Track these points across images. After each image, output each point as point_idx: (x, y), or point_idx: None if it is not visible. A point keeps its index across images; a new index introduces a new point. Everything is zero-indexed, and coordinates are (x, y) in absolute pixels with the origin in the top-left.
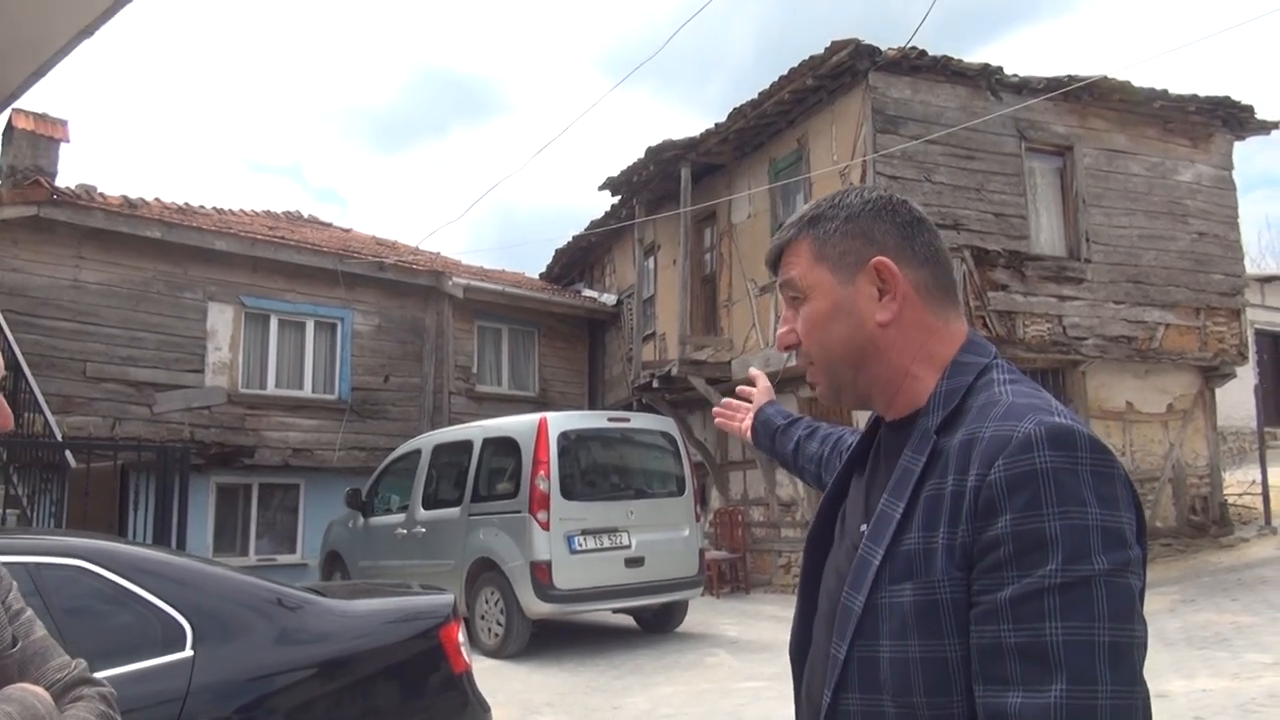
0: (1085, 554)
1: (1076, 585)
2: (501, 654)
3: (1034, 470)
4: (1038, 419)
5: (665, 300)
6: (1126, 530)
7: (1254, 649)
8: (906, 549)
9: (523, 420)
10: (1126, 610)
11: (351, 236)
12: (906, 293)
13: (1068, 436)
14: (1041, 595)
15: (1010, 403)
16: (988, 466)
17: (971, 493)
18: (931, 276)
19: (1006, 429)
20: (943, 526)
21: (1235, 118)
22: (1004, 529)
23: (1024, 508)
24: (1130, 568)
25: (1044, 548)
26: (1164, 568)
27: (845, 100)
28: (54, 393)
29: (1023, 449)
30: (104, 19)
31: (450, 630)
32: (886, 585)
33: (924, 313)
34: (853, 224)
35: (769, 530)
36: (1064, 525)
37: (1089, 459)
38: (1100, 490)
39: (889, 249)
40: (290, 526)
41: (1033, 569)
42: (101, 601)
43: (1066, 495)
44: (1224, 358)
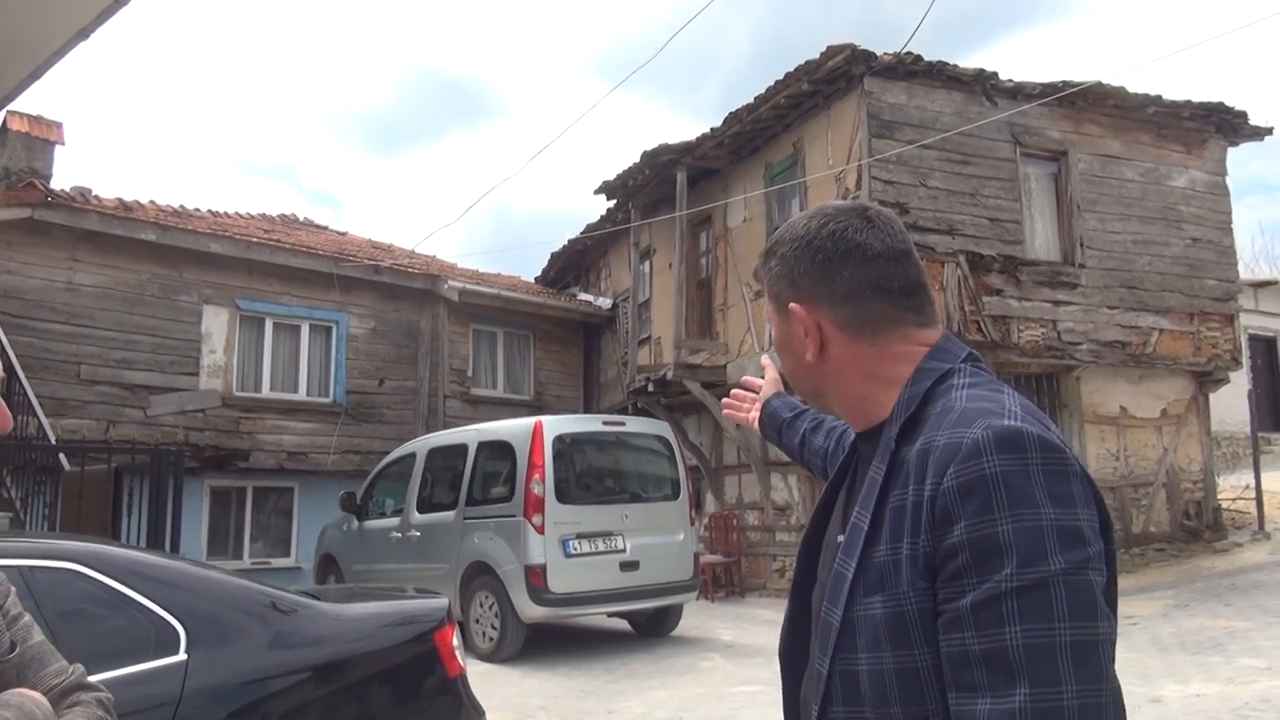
0: (1041, 555)
1: (1033, 588)
2: (496, 658)
3: (984, 476)
4: (986, 424)
5: (661, 304)
6: (1084, 527)
7: (1248, 654)
8: (877, 561)
9: (518, 424)
10: (1088, 608)
11: (347, 240)
12: (828, 333)
13: (1016, 438)
14: (1000, 600)
15: (963, 409)
16: (941, 475)
17: (928, 502)
18: (854, 311)
19: (957, 436)
20: (906, 537)
21: (1229, 124)
22: (960, 537)
23: (976, 514)
24: (1090, 564)
25: (999, 553)
26: (1158, 572)
27: (841, 105)
28: (48, 395)
29: (972, 455)
30: (100, 20)
31: (445, 634)
32: (860, 598)
33: (853, 346)
34: (782, 265)
35: (764, 534)
36: (1016, 528)
37: (1040, 459)
38: (1054, 489)
39: (806, 291)
40: (284, 530)
41: (990, 574)
42: (95, 605)
43: (1017, 498)
44: (1218, 363)
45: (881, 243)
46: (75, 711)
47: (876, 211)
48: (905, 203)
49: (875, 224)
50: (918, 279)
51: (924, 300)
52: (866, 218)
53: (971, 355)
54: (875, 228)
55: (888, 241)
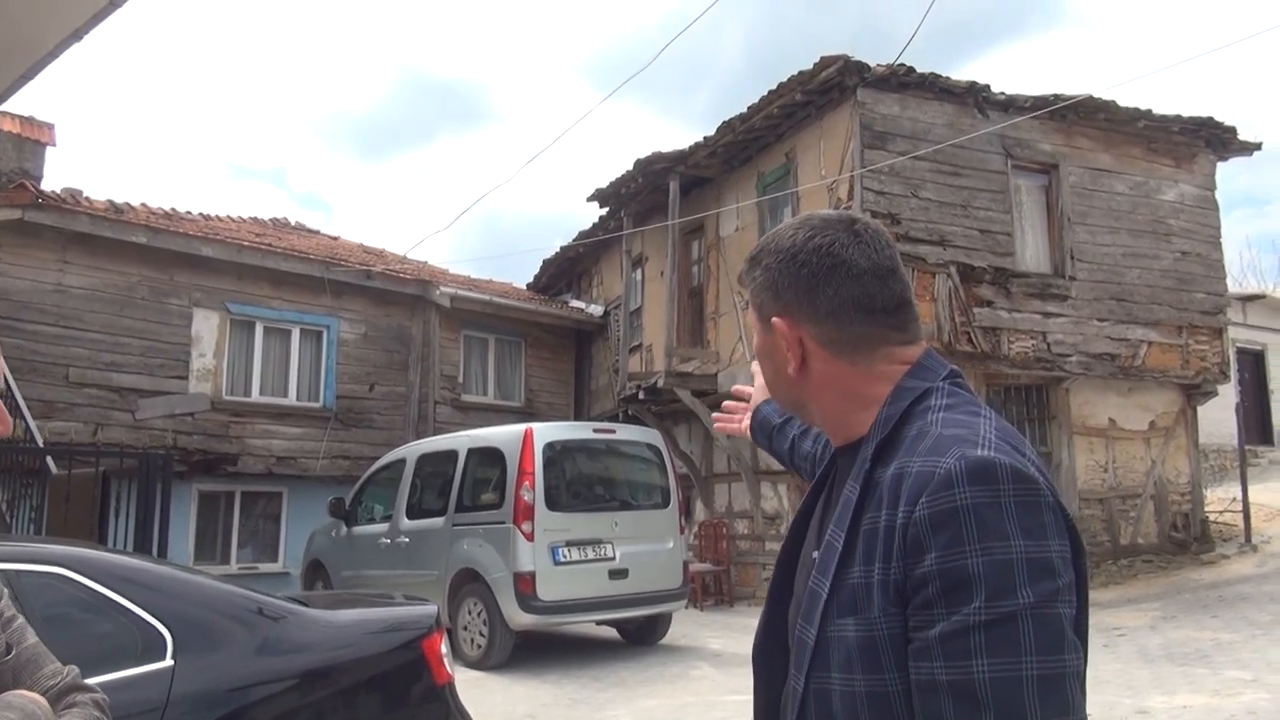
0: (1010, 589)
1: (1001, 621)
2: (484, 665)
3: (955, 507)
4: (960, 453)
5: (652, 312)
6: (1055, 559)
7: (1234, 665)
8: (851, 582)
9: (508, 430)
10: (1055, 641)
11: (339, 244)
12: (810, 349)
13: (988, 470)
14: (968, 633)
15: (937, 435)
16: (913, 504)
17: (900, 530)
18: (836, 330)
19: (930, 465)
20: (878, 561)
21: (1218, 138)
22: (930, 567)
23: (947, 545)
24: (1059, 597)
25: (968, 585)
26: (1145, 584)
27: (834, 115)
28: (35, 398)
29: (944, 486)
30: (94, 22)
31: (433, 641)
32: (834, 618)
33: (833, 363)
34: (767, 275)
35: (753, 543)
36: (986, 561)
37: (1012, 490)
38: (1025, 521)
39: (790, 306)
40: (273, 535)
41: (959, 606)
42: (81, 609)
43: (988, 530)
44: (1206, 376)
45: (867, 259)
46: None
47: (864, 224)
48: (897, 213)
49: (862, 239)
50: (902, 296)
51: (908, 318)
52: (854, 232)
53: (953, 373)
54: (862, 243)
55: (874, 258)
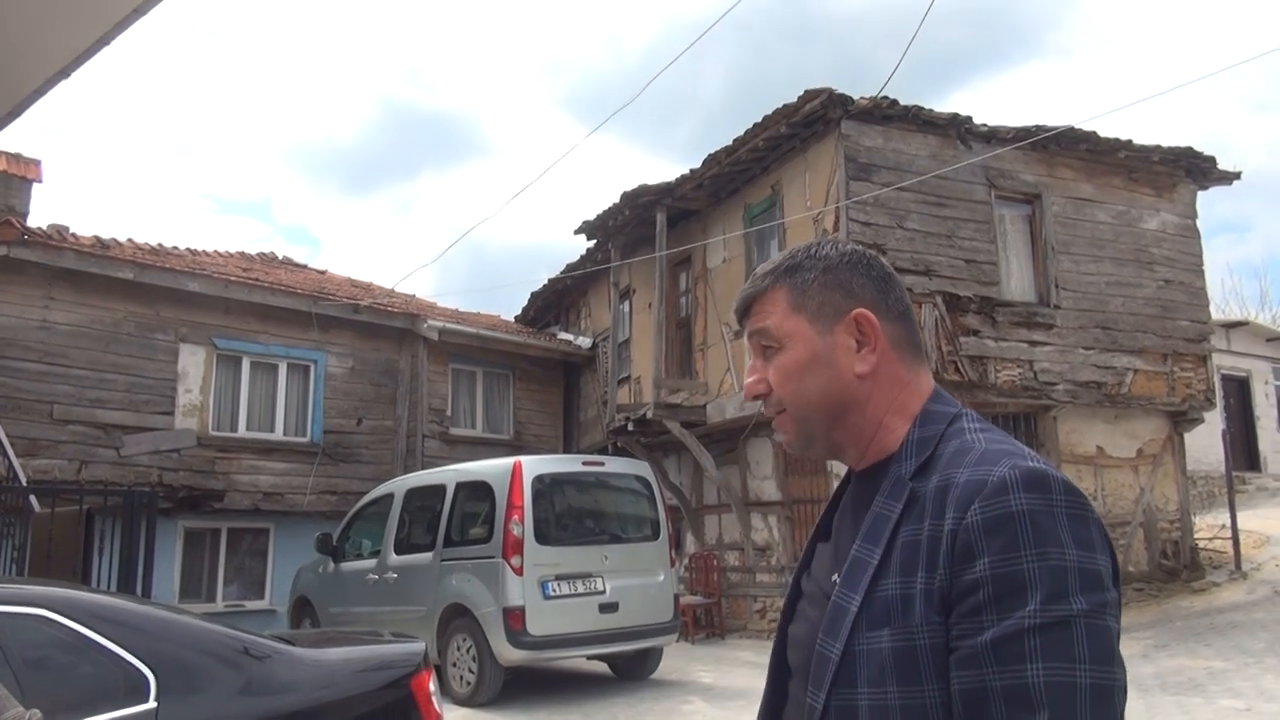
0: (1064, 595)
1: (1056, 626)
2: (473, 702)
3: (1010, 513)
4: (1012, 463)
5: (640, 344)
6: (1104, 572)
7: (1227, 694)
8: (884, 594)
9: (496, 464)
10: (1107, 652)
11: (326, 279)
12: (884, 346)
13: (1042, 480)
14: (1022, 637)
15: (984, 449)
16: (964, 510)
17: (948, 537)
18: (905, 331)
19: (982, 473)
20: (920, 571)
21: (1198, 168)
22: (982, 572)
23: (1002, 550)
24: (1108, 610)
25: (1023, 589)
26: (1137, 612)
27: (818, 147)
28: (20, 435)
29: (999, 492)
30: (81, 60)
31: (421, 679)
32: (864, 632)
33: (898, 366)
34: (831, 275)
35: (744, 575)
36: (1042, 566)
37: (1064, 502)
38: (1076, 533)
39: (867, 302)
40: (259, 572)
41: (1012, 611)
42: (62, 651)
43: (1044, 537)
44: (1192, 403)
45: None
46: None
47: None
48: (883, 244)
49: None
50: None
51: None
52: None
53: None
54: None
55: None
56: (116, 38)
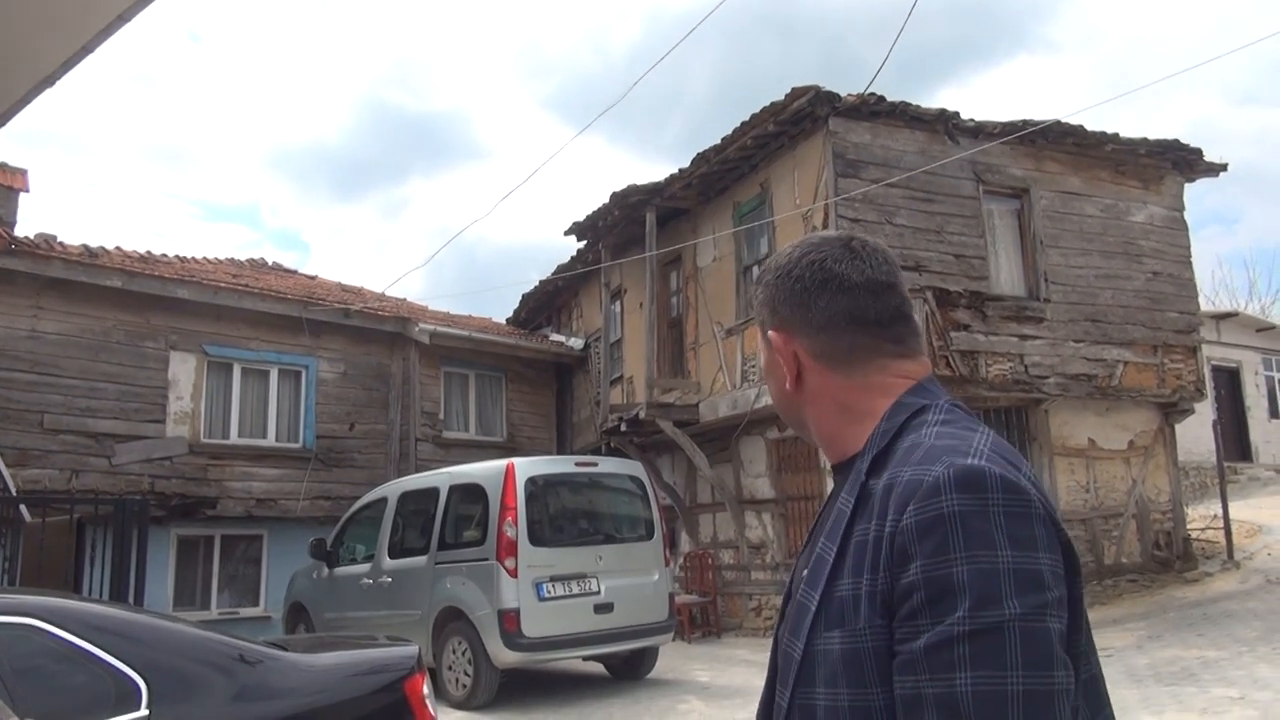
0: (995, 599)
1: (986, 632)
2: (469, 705)
3: (941, 515)
4: (949, 462)
5: (632, 344)
6: (1044, 572)
7: (1220, 684)
8: (840, 595)
9: (489, 466)
10: (1043, 656)
11: (316, 284)
12: (805, 362)
13: (976, 478)
14: (952, 644)
15: (929, 445)
16: (901, 512)
17: (888, 539)
18: (829, 342)
19: (920, 473)
20: (866, 573)
21: (1184, 160)
22: (916, 576)
23: (932, 554)
24: (1048, 610)
25: (953, 594)
26: (1130, 603)
27: (806, 145)
28: (10, 445)
29: (932, 493)
30: (65, 69)
31: (415, 682)
32: (821, 632)
33: (828, 376)
34: (765, 292)
35: (739, 573)
36: (972, 570)
37: (1001, 499)
38: (1013, 531)
39: (784, 319)
40: (253, 579)
41: (943, 617)
42: (53, 660)
43: (975, 539)
44: (1182, 394)
45: (861, 274)
46: None
47: (862, 242)
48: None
49: (858, 255)
50: (898, 309)
51: (904, 331)
52: (850, 248)
53: (954, 401)
54: (857, 258)
55: (868, 273)
56: (100, 45)
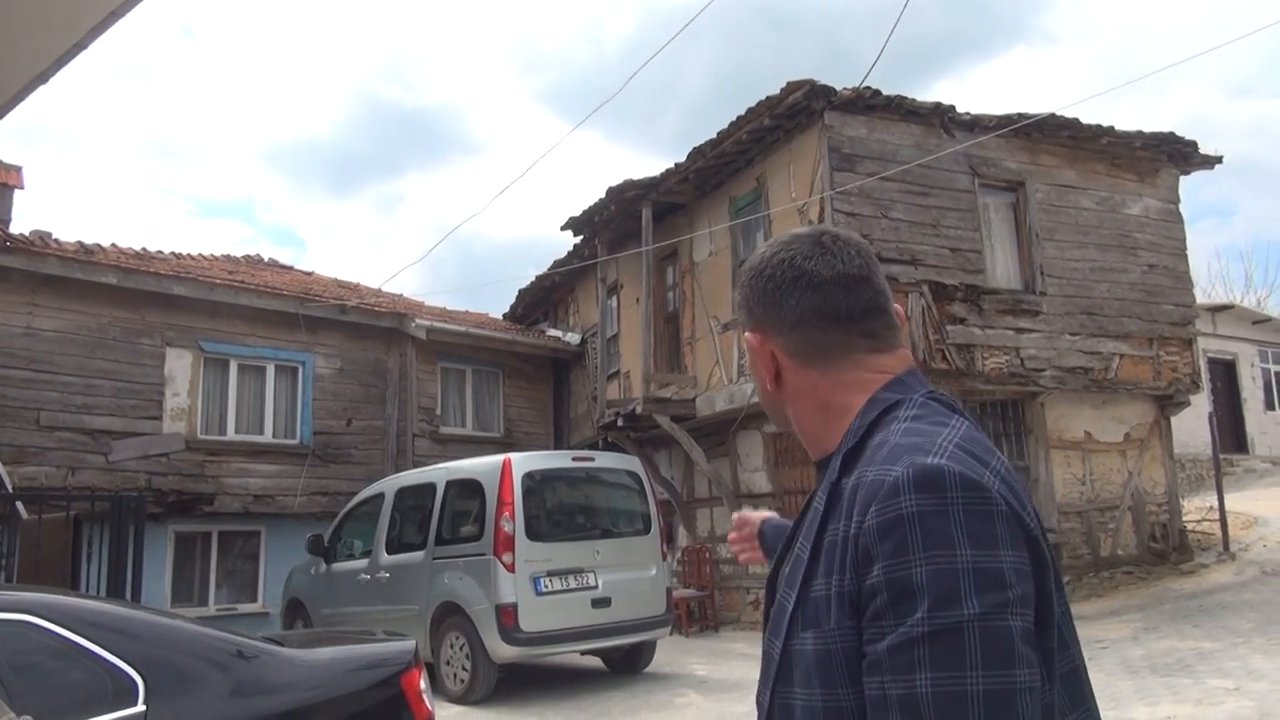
0: (954, 599)
1: (945, 633)
2: (467, 700)
3: (900, 516)
4: (910, 461)
5: (629, 339)
6: (1006, 570)
7: (1216, 674)
8: (814, 595)
9: (486, 461)
10: (1004, 655)
11: (313, 280)
12: (782, 361)
13: (936, 478)
14: (912, 645)
15: (894, 444)
16: (864, 513)
17: (852, 540)
18: (802, 339)
19: (882, 473)
20: (835, 574)
21: (1180, 153)
22: (878, 578)
23: (892, 555)
24: (1009, 609)
25: (913, 596)
26: (1126, 595)
27: (802, 139)
28: (6, 443)
29: (892, 494)
30: (58, 66)
31: (411, 677)
32: (798, 632)
33: (805, 373)
34: (742, 294)
35: (737, 567)
36: (930, 571)
37: (961, 498)
38: (974, 530)
39: (759, 320)
40: (251, 574)
41: (904, 618)
42: (50, 657)
43: (933, 539)
44: (1178, 386)
45: (831, 269)
46: None
47: (834, 236)
48: (868, 234)
49: (828, 249)
50: (872, 303)
51: (879, 325)
52: (820, 243)
53: (932, 392)
54: (827, 253)
55: (839, 267)
56: (93, 41)
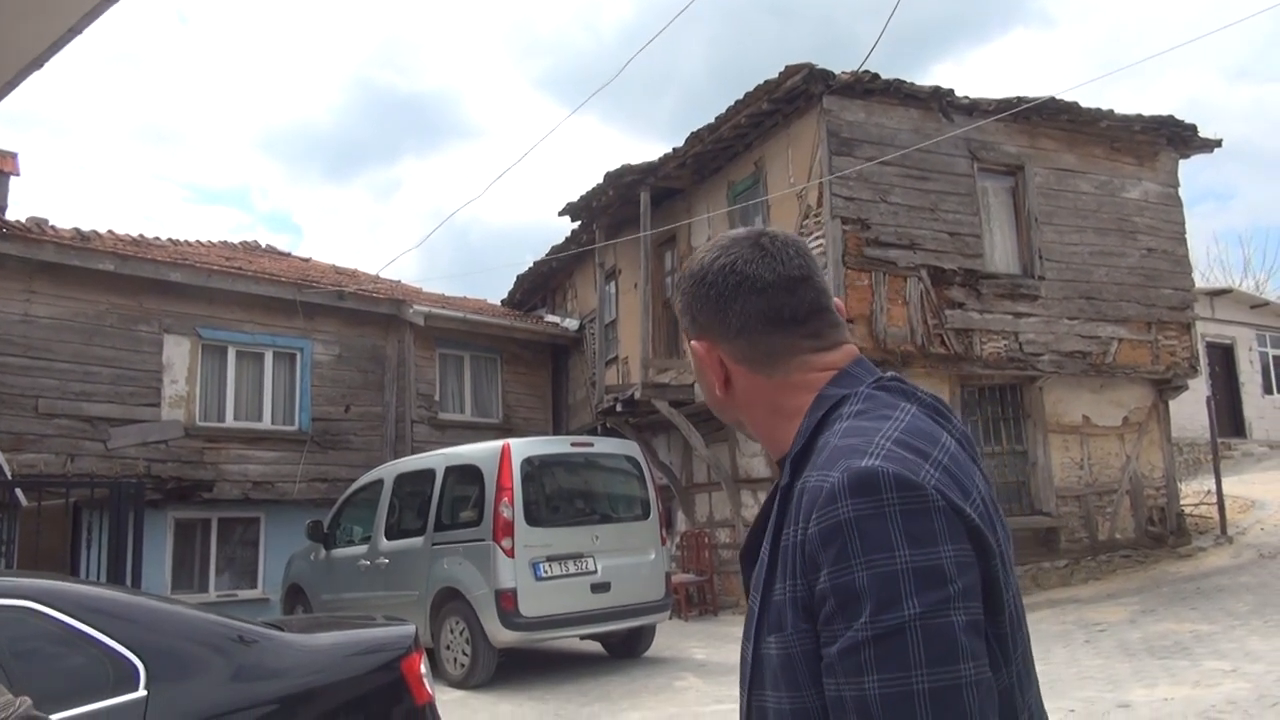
0: (895, 601)
1: (888, 635)
2: (468, 684)
3: (839, 523)
4: (845, 465)
5: (627, 324)
6: (946, 565)
7: (1213, 656)
8: (775, 599)
9: (485, 447)
10: (947, 652)
11: (310, 266)
12: (730, 367)
13: (869, 481)
14: (858, 649)
15: (833, 446)
16: (807, 520)
17: (799, 547)
18: (749, 345)
19: (821, 479)
20: (789, 578)
21: (1179, 136)
22: (825, 583)
23: (835, 561)
24: (951, 604)
25: (856, 600)
26: (1124, 578)
27: (800, 123)
28: (4, 430)
29: (830, 501)
30: (52, 51)
31: (412, 661)
32: (765, 635)
33: (754, 378)
34: (683, 300)
35: (736, 552)
36: (870, 575)
37: (896, 499)
38: (910, 529)
39: (703, 327)
40: (251, 561)
41: (850, 622)
42: (50, 643)
43: (871, 543)
44: (1176, 371)
45: (773, 272)
46: None
47: (771, 237)
48: (866, 218)
49: (767, 251)
50: (815, 303)
51: (823, 324)
52: (759, 246)
53: (880, 381)
54: (767, 255)
55: (779, 270)
56: (88, 27)
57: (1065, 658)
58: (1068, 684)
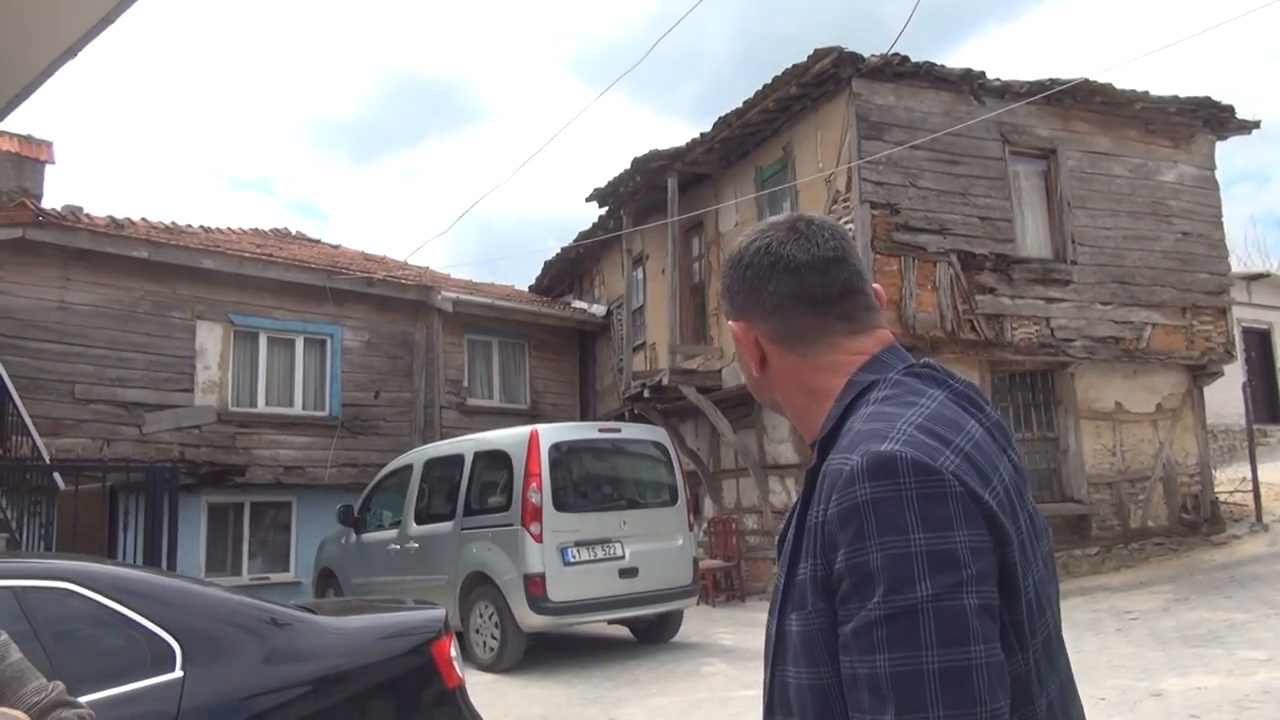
0: (908, 582)
1: (900, 615)
2: (497, 668)
3: (856, 504)
4: (865, 449)
5: (655, 310)
6: (960, 549)
7: (1247, 645)
8: (799, 578)
9: (514, 433)
10: (958, 634)
11: (340, 253)
12: (766, 347)
13: (887, 465)
14: (871, 628)
15: (857, 431)
16: (828, 502)
17: (821, 527)
18: (782, 324)
19: (841, 462)
20: (811, 558)
21: (1216, 118)
22: (842, 564)
23: (851, 542)
24: (964, 587)
25: (870, 580)
26: (1157, 566)
27: (829, 107)
28: (42, 415)
29: (849, 483)
30: (87, 39)
31: (442, 645)
32: (789, 613)
33: (787, 357)
34: (723, 283)
35: (763, 538)
36: (884, 556)
37: (913, 483)
38: (926, 514)
39: (741, 307)
40: (283, 545)
41: (864, 601)
42: (89, 624)
43: (886, 525)
44: (1211, 356)
45: (806, 253)
46: None
47: (808, 221)
48: (896, 203)
49: (802, 234)
50: (848, 284)
51: (855, 307)
52: (795, 229)
53: (910, 367)
54: (802, 238)
55: (813, 250)
56: (120, 15)
57: (1096, 645)
58: (1099, 672)
